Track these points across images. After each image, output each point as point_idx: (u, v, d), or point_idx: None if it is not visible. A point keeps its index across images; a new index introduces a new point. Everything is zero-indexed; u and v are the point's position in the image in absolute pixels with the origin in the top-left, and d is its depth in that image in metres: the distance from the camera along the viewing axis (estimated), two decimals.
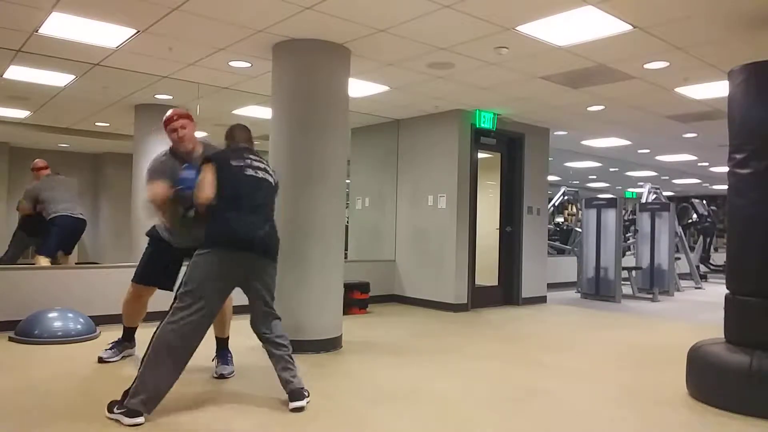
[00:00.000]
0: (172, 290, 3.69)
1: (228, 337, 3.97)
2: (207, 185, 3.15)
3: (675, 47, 4.58)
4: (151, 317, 4.03)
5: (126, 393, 2.89)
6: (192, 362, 3.05)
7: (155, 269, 3.85)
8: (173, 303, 3.08)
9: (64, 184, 6.00)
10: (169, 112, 3.68)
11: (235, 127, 3.51)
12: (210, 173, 3.17)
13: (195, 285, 3.04)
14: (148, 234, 3.92)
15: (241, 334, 3.92)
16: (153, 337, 2.99)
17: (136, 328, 4.18)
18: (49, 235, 5.75)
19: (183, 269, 3.72)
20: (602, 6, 3.81)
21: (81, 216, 5.92)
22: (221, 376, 3.74)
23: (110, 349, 4.10)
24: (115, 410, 2.89)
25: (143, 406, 2.85)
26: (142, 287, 3.94)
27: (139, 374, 2.91)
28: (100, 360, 4.02)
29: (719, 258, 12.85)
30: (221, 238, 3.13)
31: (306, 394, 3.20)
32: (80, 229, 5.99)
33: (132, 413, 2.83)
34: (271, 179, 3.36)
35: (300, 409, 3.12)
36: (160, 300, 4.22)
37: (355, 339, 5.03)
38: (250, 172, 3.24)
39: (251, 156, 3.33)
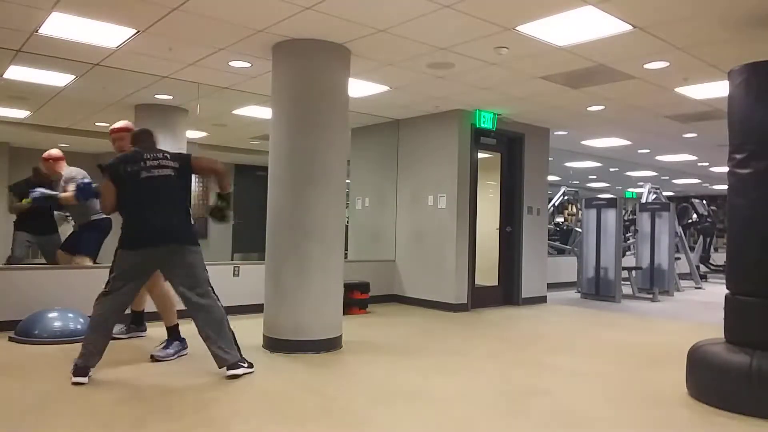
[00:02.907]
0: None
1: (176, 325, 4.30)
2: (105, 197, 3.82)
3: (675, 47, 4.58)
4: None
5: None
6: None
7: None
8: (105, 287, 3.74)
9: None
10: (119, 124, 4.57)
11: (138, 133, 4.04)
12: (106, 184, 3.79)
13: (115, 275, 3.71)
14: None
15: (242, 333, 3.93)
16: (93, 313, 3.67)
17: (141, 311, 4.86)
18: (92, 237, 5.44)
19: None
20: (602, 6, 3.81)
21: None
22: (152, 358, 4.08)
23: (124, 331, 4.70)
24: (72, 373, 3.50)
25: (84, 363, 3.51)
26: None
27: (83, 343, 3.61)
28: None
29: (719, 258, 12.84)
30: (128, 239, 3.75)
31: (242, 364, 3.74)
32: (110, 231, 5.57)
33: (79, 372, 3.48)
34: (169, 171, 3.77)
35: (235, 376, 3.66)
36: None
37: (355, 339, 5.02)
38: (144, 174, 3.73)
39: (147, 155, 3.79)
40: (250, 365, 3.83)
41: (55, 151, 5.40)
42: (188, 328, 4.35)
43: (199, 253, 3.81)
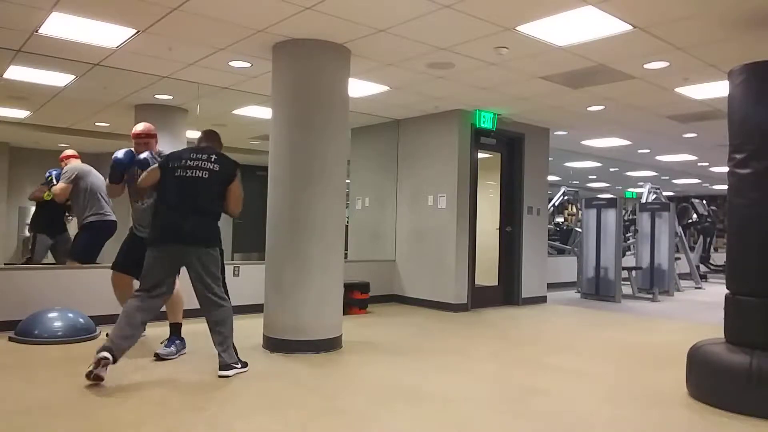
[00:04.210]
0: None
1: (179, 324, 4.34)
2: (148, 176, 3.89)
3: (675, 47, 4.58)
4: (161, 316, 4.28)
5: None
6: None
7: (128, 259, 4.30)
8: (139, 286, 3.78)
9: (98, 178, 5.49)
10: (141, 127, 4.36)
11: (202, 134, 4.13)
12: (154, 171, 3.89)
13: (145, 273, 3.73)
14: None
15: (242, 333, 3.94)
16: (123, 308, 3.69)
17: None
18: (81, 240, 5.43)
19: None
20: (602, 6, 3.81)
21: (114, 218, 5.47)
22: (157, 356, 4.11)
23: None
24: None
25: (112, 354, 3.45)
26: (119, 274, 4.42)
27: (110, 335, 3.54)
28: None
29: (719, 258, 12.84)
30: (154, 233, 3.81)
31: (235, 366, 3.76)
32: (113, 232, 5.52)
33: (104, 348, 3.43)
34: (204, 174, 3.79)
35: (225, 376, 3.68)
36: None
37: (355, 339, 5.03)
38: (179, 173, 3.79)
39: (192, 155, 3.86)
40: (245, 365, 3.86)
41: (69, 151, 5.69)
42: (188, 329, 4.36)
43: (213, 255, 3.81)
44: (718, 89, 5.69)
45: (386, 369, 4.13)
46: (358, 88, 5.90)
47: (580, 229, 9.59)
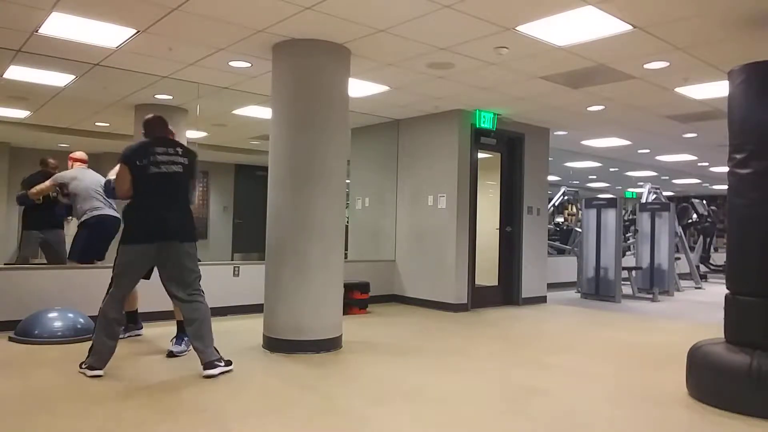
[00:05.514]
0: (148, 279, 4.14)
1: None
2: (121, 182, 3.79)
3: (675, 47, 4.58)
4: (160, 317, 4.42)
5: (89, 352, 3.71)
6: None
7: None
8: (110, 286, 3.80)
9: (95, 179, 5.49)
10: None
11: (151, 121, 4.00)
12: (123, 171, 3.77)
13: (119, 271, 3.73)
14: None
15: (242, 333, 3.94)
16: (99, 311, 3.73)
17: (135, 311, 4.86)
18: (78, 238, 5.44)
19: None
20: (602, 6, 3.81)
21: (115, 214, 5.42)
22: (170, 354, 4.19)
23: (122, 332, 4.40)
24: (82, 366, 3.68)
25: (98, 362, 3.64)
26: None
27: (93, 339, 3.72)
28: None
29: (719, 258, 12.84)
30: (131, 234, 3.75)
31: (219, 364, 3.72)
32: (116, 228, 5.42)
33: (92, 368, 3.63)
34: (179, 168, 3.83)
35: (211, 376, 3.65)
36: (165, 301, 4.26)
37: (355, 339, 5.02)
38: (154, 170, 3.74)
39: (158, 149, 3.79)
40: (228, 363, 3.83)
41: (77, 154, 5.66)
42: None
43: (195, 251, 3.88)
44: (718, 89, 5.69)
45: (386, 369, 4.13)
46: (358, 88, 5.90)
47: (580, 229, 9.59)
